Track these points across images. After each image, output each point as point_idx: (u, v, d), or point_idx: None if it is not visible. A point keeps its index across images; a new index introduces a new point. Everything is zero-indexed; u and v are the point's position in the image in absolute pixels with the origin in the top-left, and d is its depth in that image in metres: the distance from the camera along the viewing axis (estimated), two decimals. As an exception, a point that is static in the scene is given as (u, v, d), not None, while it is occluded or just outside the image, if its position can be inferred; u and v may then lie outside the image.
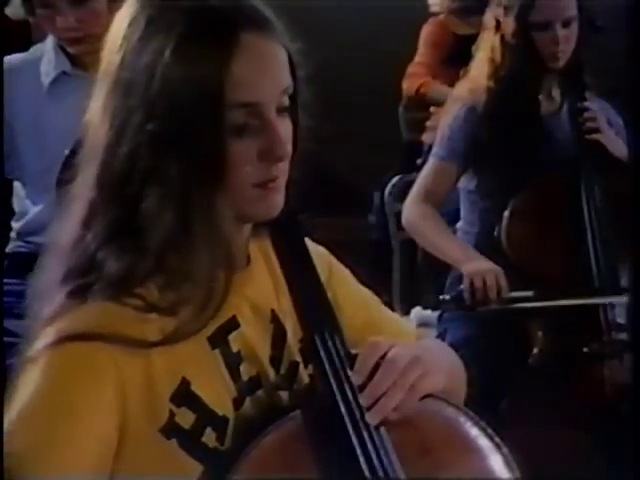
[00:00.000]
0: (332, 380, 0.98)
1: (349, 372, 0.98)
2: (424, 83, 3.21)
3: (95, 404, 0.92)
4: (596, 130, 2.12)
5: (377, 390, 0.97)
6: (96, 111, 0.98)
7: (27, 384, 0.93)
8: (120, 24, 1.00)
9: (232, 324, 1.00)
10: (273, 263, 1.06)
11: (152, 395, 0.94)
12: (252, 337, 1.02)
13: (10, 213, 2.16)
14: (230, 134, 0.94)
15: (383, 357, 0.99)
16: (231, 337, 1.00)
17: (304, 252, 1.05)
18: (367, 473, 0.94)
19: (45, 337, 0.93)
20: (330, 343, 1.00)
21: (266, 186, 0.97)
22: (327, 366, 0.98)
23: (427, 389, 1.00)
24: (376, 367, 0.98)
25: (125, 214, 0.95)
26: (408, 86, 3.25)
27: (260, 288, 1.05)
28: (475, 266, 2.06)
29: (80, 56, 2.03)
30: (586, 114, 2.13)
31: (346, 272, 1.18)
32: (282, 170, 0.98)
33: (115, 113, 0.96)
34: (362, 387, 0.97)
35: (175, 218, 0.94)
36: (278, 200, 0.99)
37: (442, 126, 2.24)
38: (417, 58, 3.27)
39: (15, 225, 2.14)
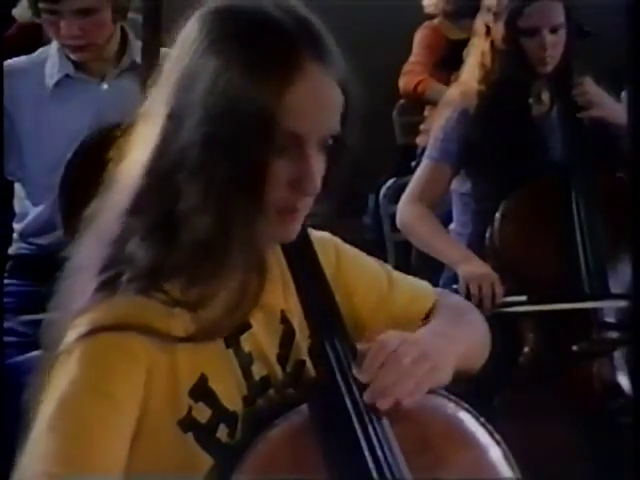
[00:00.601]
0: (339, 379, 0.99)
1: (355, 370, 0.99)
2: (423, 81, 3.20)
3: (131, 391, 0.94)
4: (588, 105, 2.13)
5: (381, 387, 0.97)
6: (157, 101, 0.99)
7: (63, 375, 0.93)
8: (192, 26, 0.99)
9: (244, 325, 1.02)
10: (282, 265, 1.07)
11: (174, 388, 0.96)
12: (262, 338, 1.03)
13: (11, 214, 2.17)
14: (272, 153, 0.95)
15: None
16: (243, 337, 1.02)
17: (315, 263, 1.06)
18: (371, 466, 0.95)
19: (77, 329, 0.94)
20: (338, 346, 1.01)
21: (287, 214, 0.99)
22: (335, 366, 1.00)
23: (432, 385, 1.01)
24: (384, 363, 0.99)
25: (167, 208, 0.96)
26: (405, 83, 3.23)
27: (270, 289, 1.05)
28: (472, 269, 2.07)
29: (83, 61, 2.05)
30: (576, 91, 2.14)
31: (353, 252, 1.18)
32: (306, 204, 0.99)
33: (175, 107, 0.96)
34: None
35: (214, 220, 0.95)
36: (295, 229, 1.00)
37: (435, 128, 2.26)
38: (412, 58, 3.28)
39: (16, 226, 2.15)
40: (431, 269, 2.39)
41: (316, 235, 1.11)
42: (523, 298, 2.04)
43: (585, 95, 2.14)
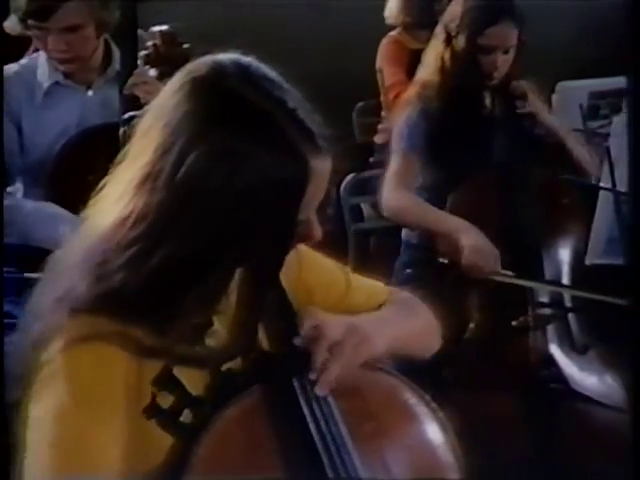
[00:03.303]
0: (287, 359, 1.01)
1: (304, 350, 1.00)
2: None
3: (114, 396, 0.93)
4: (527, 104, 2.19)
5: (317, 362, 0.99)
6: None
7: (52, 390, 0.92)
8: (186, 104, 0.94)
9: (207, 324, 1.01)
10: None
11: (139, 379, 0.95)
12: (224, 331, 1.02)
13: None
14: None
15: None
16: (209, 334, 1.01)
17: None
18: (317, 439, 0.97)
19: (55, 343, 0.93)
20: (288, 332, 1.02)
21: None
22: (284, 349, 1.02)
23: (365, 355, 1.03)
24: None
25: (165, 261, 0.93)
26: (391, 103, 3.16)
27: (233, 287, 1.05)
28: (475, 241, 2.05)
29: (70, 72, 2.07)
30: (517, 90, 2.21)
31: (314, 256, 1.17)
32: None
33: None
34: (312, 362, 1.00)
35: (209, 300, 0.96)
36: None
37: (399, 126, 2.30)
38: (390, 80, 3.21)
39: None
40: (387, 255, 2.44)
41: None
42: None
43: (525, 95, 2.21)
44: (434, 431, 1.06)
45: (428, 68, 2.28)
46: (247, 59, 0.98)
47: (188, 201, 0.92)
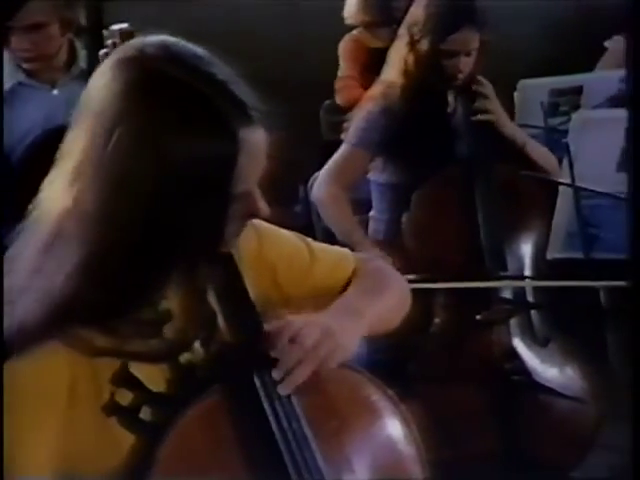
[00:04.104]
0: (249, 358, 0.99)
1: (264, 350, 0.98)
2: (360, 96, 3.22)
3: (50, 400, 0.92)
4: (488, 111, 2.21)
5: (287, 366, 0.97)
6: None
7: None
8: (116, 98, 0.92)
9: (166, 316, 1.00)
10: None
11: (95, 378, 0.94)
12: (184, 325, 1.01)
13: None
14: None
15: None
16: (165, 327, 0.99)
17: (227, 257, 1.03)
18: (279, 437, 0.96)
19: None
20: (250, 328, 1.00)
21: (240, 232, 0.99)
22: (246, 347, 0.99)
23: (339, 360, 1.00)
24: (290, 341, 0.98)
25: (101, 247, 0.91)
26: (344, 100, 3.22)
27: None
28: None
29: (34, 70, 2.05)
30: (478, 102, 2.22)
31: (273, 231, 1.14)
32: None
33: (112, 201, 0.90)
34: (275, 361, 0.98)
35: (155, 285, 0.94)
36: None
37: (357, 119, 2.31)
38: (343, 72, 3.28)
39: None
40: (354, 250, 2.44)
41: None
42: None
43: (485, 102, 2.22)
44: (396, 426, 1.05)
45: (392, 69, 2.29)
46: (173, 39, 0.96)
47: (119, 185, 0.90)
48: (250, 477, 0.96)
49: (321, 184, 2.27)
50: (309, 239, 1.19)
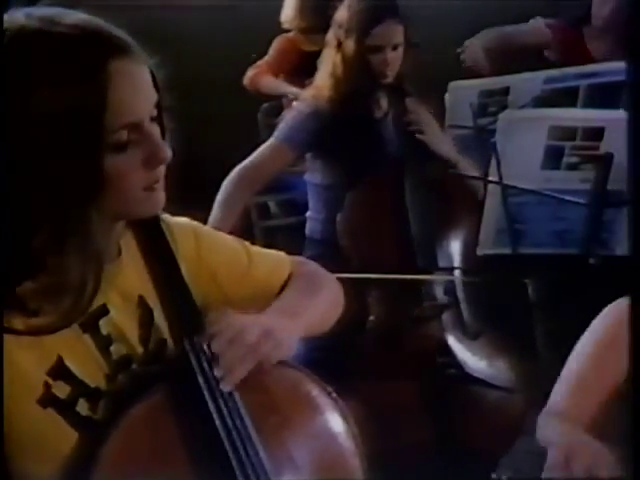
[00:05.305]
0: (192, 358, 1.00)
1: (205, 349, 1.00)
2: (257, 75, 3.29)
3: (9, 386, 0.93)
4: (420, 131, 2.25)
5: (228, 364, 0.99)
6: None
7: None
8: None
9: (102, 311, 1.01)
10: (136, 252, 1.06)
11: (31, 371, 0.95)
12: (121, 321, 1.03)
13: None
14: (114, 151, 0.93)
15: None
16: (101, 322, 1.01)
17: (165, 250, 1.05)
18: (223, 434, 0.97)
19: None
20: (192, 327, 1.01)
21: (152, 187, 0.98)
22: (188, 347, 1.00)
23: (278, 358, 1.02)
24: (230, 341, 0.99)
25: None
26: (246, 78, 3.32)
27: (128, 277, 1.05)
28: None
29: None
30: (412, 119, 2.25)
31: (212, 233, 1.16)
32: (163, 171, 0.99)
33: None
34: (217, 359, 0.99)
35: (51, 234, 0.93)
36: (162, 198, 1.01)
37: (287, 117, 2.34)
38: (263, 59, 3.34)
39: None
40: (293, 251, 2.44)
41: (174, 221, 1.10)
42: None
43: (419, 123, 2.25)
44: (336, 421, 1.07)
45: (322, 73, 2.30)
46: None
47: None
48: (195, 475, 0.96)
49: (234, 174, 2.25)
50: (247, 242, 1.20)
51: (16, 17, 0.94)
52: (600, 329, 1.26)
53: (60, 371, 0.97)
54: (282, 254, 1.22)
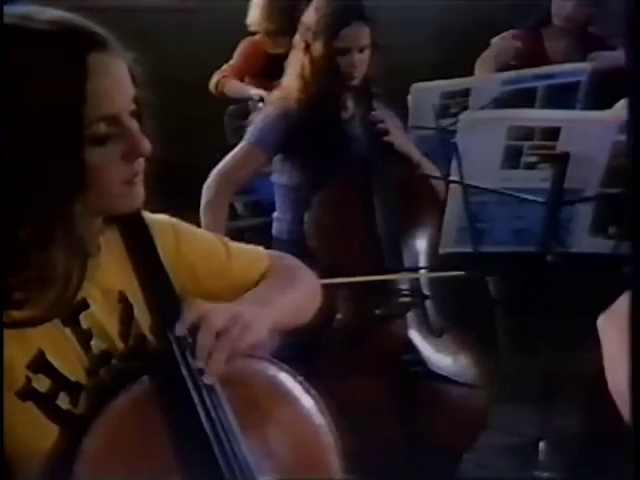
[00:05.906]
0: (176, 351, 0.99)
1: (188, 340, 0.99)
2: (223, 79, 3.31)
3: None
4: (386, 132, 2.26)
5: (204, 351, 0.99)
6: None
7: None
8: None
9: (82, 305, 1.01)
10: (119, 247, 1.06)
11: (11, 364, 0.95)
12: (101, 316, 1.03)
13: None
14: (93, 144, 0.94)
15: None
16: (82, 316, 1.01)
17: (149, 245, 1.05)
18: (207, 427, 0.97)
19: None
20: (173, 321, 1.00)
21: (132, 182, 0.98)
22: (172, 340, 1.00)
23: (250, 340, 1.02)
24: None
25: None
26: (212, 82, 3.33)
27: (108, 272, 1.05)
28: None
29: None
30: (378, 121, 2.26)
31: (190, 229, 1.16)
32: (142, 165, 1.00)
33: None
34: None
35: (35, 228, 0.93)
36: (141, 192, 1.01)
37: (257, 120, 2.34)
38: (228, 63, 3.36)
39: None
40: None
41: (153, 218, 1.11)
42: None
43: (384, 124, 2.26)
44: (314, 415, 1.08)
45: (290, 75, 2.31)
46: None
47: None
48: (179, 467, 0.96)
49: (211, 179, 2.27)
50: (226, 237, 1.21)
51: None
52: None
53: (41, 364, 0.97)
54: (260, 249, 1.23)
